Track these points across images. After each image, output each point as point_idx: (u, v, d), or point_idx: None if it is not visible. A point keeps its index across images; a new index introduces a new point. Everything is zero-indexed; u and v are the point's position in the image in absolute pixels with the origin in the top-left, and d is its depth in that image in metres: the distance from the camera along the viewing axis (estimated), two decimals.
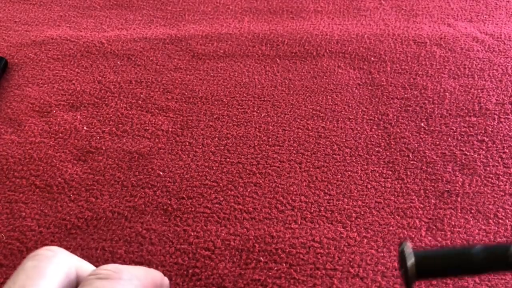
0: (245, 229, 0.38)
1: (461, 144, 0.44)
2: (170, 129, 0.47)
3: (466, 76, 0.51)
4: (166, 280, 0.26)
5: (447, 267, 0.20)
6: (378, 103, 0.49)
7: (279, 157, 0.43)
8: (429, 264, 0.20)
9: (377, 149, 0.44)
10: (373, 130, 0.46)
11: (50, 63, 0.56)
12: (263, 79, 0.53)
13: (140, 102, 0.50)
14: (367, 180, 0.41)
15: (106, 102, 0.50)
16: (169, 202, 0.40)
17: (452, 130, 0.45)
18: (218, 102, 0.50)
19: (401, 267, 0.21)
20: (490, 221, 0.37)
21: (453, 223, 0.37)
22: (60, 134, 0.47)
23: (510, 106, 0.48)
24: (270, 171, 0.42)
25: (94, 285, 0.19)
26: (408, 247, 0.21)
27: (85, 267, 0.23)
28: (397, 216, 0.38)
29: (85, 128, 0.47)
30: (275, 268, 0.35)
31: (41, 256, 0.20)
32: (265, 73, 0.53)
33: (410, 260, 0.20)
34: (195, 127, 0.47)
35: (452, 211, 0.38)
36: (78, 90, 0.52)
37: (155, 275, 0.24)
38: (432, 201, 0.39)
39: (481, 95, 0.49)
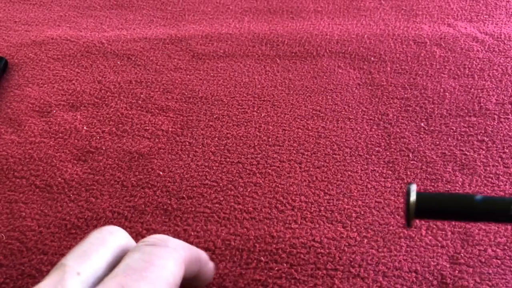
0: (245, 229, 0.38)
1: (461, 144, 0.44)
2: (170, 129, 0.47)
3: (466, 76, 0.51)
4: (211, 263, 0.28)
5: (448, 210, 0.21)
6: (378, 103, 0.49)
7: (279, 157, 0.43)
8: (430, 204, 0.21)
9: (377, 149, 0.44)
10: (373, 130, 0.46)
11: (50, 63, 0.56)
12: (263, 79, 0.53)
13: (140, 102, 0.50)
14: (367, 180, 0.41)
15: (106, 102, 0.50)
16: (169, 202, 0.40)
17: (452, 130, 0.45)
18: (218, 102, 0.50)
19: (405, 206, 0.22)
20: None
21: (453, 222, 0.37)
22: (60, 134, 0.47)
23: (510, 106, 0.48)
24: (270, 171, 0.42)
25: (142, 249, 0.21)
26: (414, 187, 0.21)
27: None
28: (397, 216, 0.38)
29: (85, 128, 0.47)
30: (276, 268, 0.35)
31: (105, 230, 0.23)
32: (265, 73, 0.53)
33: (412, 197, 0.21)
34: (195, 127, 0.47)
35: None
36: (78, 90, 0.52)
37: (200, 252, 0.26)
38: None
39: (481, 95, 0.49)
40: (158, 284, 0.19)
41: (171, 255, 0.21)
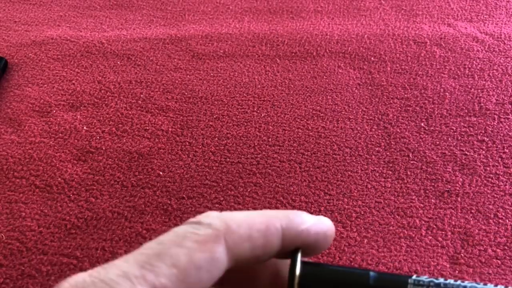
0: None
1: (461, 144, 0.44)
2: (170, 129, 0.47)
3: (466, 76, 0.51)
4: (308, 224, 0.21)
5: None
6: (378, 103, 0.49)
7: (279, 157, 0.43)
8: (316, 279, 0.19)
9: (377, 149, 0.44)
10: (373, 130, 0.46)
11: (50, 63, 0.56)
12: (263, 79, 0.53)
13: (140, 102, 0.50)
14: (367, 180, 0.41)
15: (106, 102, 0.50)
16: (169, 202, 0.40)
17: (452, 130, 0.45)
18: (218, 102, 0.50)
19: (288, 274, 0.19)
20: (490, 221, 0.37)
21: (453, 223, 0.37)
22: (60, 134, 0.47)
23: (510, 106, 0.48)
24: (270, 171, 0.42)
25: (175, 229, 0.19)
26: (299, 256, 0.19)
27: None
28: (397, 216, 0.38)
29: (85, 128, 0.47)
30: None
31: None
32: (265, 73, 0.53)
33: (298, 270, 0.19)
34: (195, 127, 0.47)
35: (452, 211, 0.38)
36: (78, 90, 0.52)
37: (269, 221, 0.20)
38: (432, 200, 0.39)
39: (481, 95, 0.49)
40: (160, 264, 0.17)
41: (194, 233, 0.18)
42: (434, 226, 0.37)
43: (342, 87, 0.51)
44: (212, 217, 0.19)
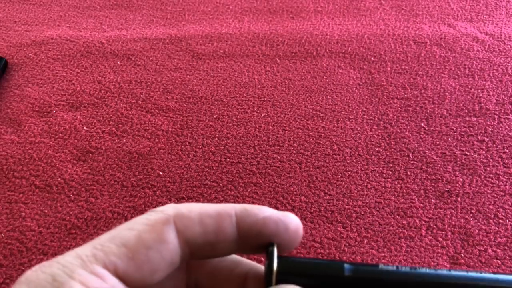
0: None
1: (461, 144, 0.44)
2: (170, 129, 0.47)
3: (466, 76, 0.51)
4: (264, 214, 0.20)
5: (313, 279, 0.19)
6: (378, 103, 0.49)
7: (279, 157, 0.43)
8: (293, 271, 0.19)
9: (377, 149, 0.44)
10: (373, 130, 0.46)
11: (50, 63, 0.56)
12: (263, 79, 0.53)
13: (140, 102, 0.50)
14: (367, 180, 0.41)
15: (106, 102, 0.50)
16: (169, 202, 0.40)
17: (452, 130, 0.45)
18: (218, 102, 0.50)
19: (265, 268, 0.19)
20: (490, 221, 0.37)
21: (453, 223, 0.37)
22: (60, 134, 0.47)
23: (510, 106, 0.48)
24: (270, 171, 0.42)
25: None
26: (275, 250, 0.19)
27: None
28: (397, 216, 0.38)
29: (85, 128, 0.47)
30: None
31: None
32: (265, 73, 0.53)
33: (275, 264, 0.19)
34: (195, 127, 0.47)
35: (452, 211, 0.38)
36: (78, 90, 0.52)
37: (222, 208, 0.20)
38: (432, 201, 0.39)
39: (481, 95, 0.49)
40: (108, 244, 0.18)
41: (145, 218, 0.19)
42: (434, 226, 0.37)
43: (342, 87, 0.51)
44: (167, 206, 0.19)
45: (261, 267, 0.21)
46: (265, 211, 0.20)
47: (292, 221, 0.20)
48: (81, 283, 0.16)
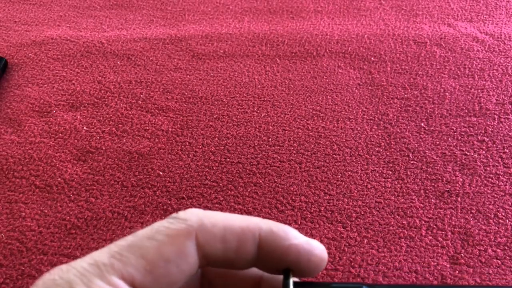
0: None
1: (461, 144, 0.44)
2: (170, 129, 0.47)
3: (466, 76, 0.51)
4: (291, 244, 0.20)
5: None
6: (378, 103, 0.49)
7: (279, 157, 0.43)
8: None
9: (377, 149, 0.44)
10: (373, 130, 0.46)
11: (50, 63, 0.56)
12: (263, 79, 0.53)
13: (140, 102, 0.50)
14: (367, 180, 0.41)
15: (106, 102, 0.50)
16: (169, 202, 0.40)
17: (452, 130, 0.45)
18: (218, 102, 0.50)
19: None
20: (491, 221, 0.37)
21: (453, 223, 0.37)
22: (60, 134, 0.47)
23: (510, 106, 0.48)
24: (270, 171, 0.42)
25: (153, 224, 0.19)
26: (291, 279, 0.19)
27: None
28: (397, 216, 0.38)
29: (85, 128, 0.47)
30: None
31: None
32: (265, 73, 0.53)
33: None
34: (195, 127, 0.47)
35: (452, 211, 0.38)
36: (78, 90, 0.52)
37: (248, 227, 0.19)
38: (432, 201, 0.39)
39: (481, 95, 0.49)
40: (129, 256, 0.17)
41: (166, 227, 0.18)
42: (434, 226, 0.37)
43: (342, 87, 0.51)
44: (190, 213, 0.19)
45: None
46: (291, 238, 0.19)
47: (316, 252, 0.20)
48: None
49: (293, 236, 0.19)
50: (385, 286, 0.19)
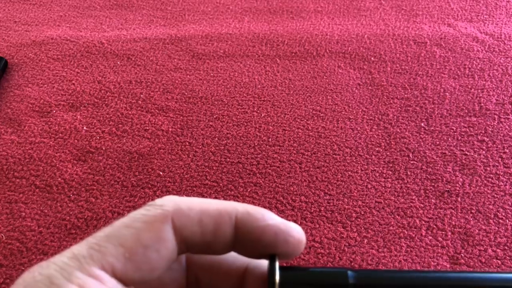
0: None
1: (461, 144, 0.44)
2: (170, 129, 0.47)
3: (466, 76, 0.51)
4: (269, 222, 0.20)
5: None
6: (378, 103, 0.49)
7: (279, 157, 0.43)
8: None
9: (377, 149, 0.44)
10: (373, 130, 0.46)
11: (50, 63, 0.56)
12: (263, 79, 0.53)
13: (140, 102, 0.50)
14: (367, 180, 0.41)
15: (106, 102, 0.50)
16: None
17: (452, 130, 0.45)
18: (218, 102, 0.50)
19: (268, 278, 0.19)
20: (491, 221, 0.37)
21: (453, 223, 0.37)
22: (60, 134, 0.47)
23: (510, 106, 0.48)
24: (270, 171, 0.42)
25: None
26: (276, 264, 0.19)
27: None
28: (397, 216, 0.38)
29: (85, 128, 0.47)
30: None
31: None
32: (265, 73, 0.53)
33: (277, 277, 0.18)
34: (195, 127, 0.47)
35: (453, 211, 0.38)
36: (78, 90, 0.52)
37: (224, 209, 0.19)
38: (432, 201, 0.39)
39: (481, 95, 0.49)
40: (106, 241, 0.17)
41: (143, 214, 0.18)
42: (434, 226, 0.37)
43: (342, 87, 0.51)
44: (167, 199, 0.19)
45: (259, 261, 0.21)
46: (267, 219, 0.19)
47: (293, 233, 0.20)
48: (79, 286, 0.16)
49: (270, 217, 0.19)
50: (370, 271, 0.19)
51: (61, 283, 0.16)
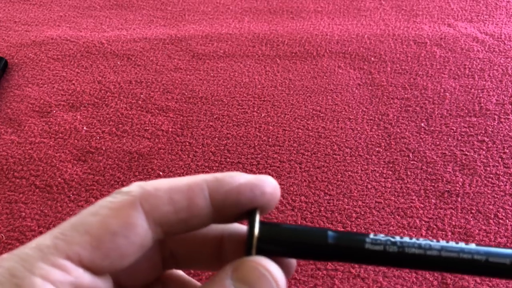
0: None
1: (461, 144, 0.44)
2: (170, 129, 0.47)
3: (466, 76, 0.51)
4: (239, 182, 0.19)
5: (296, 246, 0.18)
6: (378, 103, 0.49)
7: (279, 157, 0.43)
8: (275, 237, 0.18)
9: (377, 149, 0.44)
10: (373, 130, 0.46)
11: (50, 63, 0.56)
12: (263, 79, 0.53)
13: (140, 102, 0.50)
14: (367, 180, 0.41)
15: (106, 102, 0.50)
16: None
17: (452, 130, 0.45)
18: (218, 102, 0.50)
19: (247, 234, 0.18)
20: (491, 221, 0.37)
21: (453, 223, 0.37)
22: (60, 134, 0.47)
23: (510, 106, 0.48)
24: (270, 171, 0.42)
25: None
26: (257, 216, 0.18)
27: None
28: (397, 216, 0.38)
29: (85, 128, 0.47)
30: None
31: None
32: (265, 73, 0.53)
33: (256, 230, 0.18)
34: (195, 127, 0.47)
35: (453, 211, 0.38)
36: (78, 90, 0.52)
37: (192, 184, 0.19)
38: (433, 201, 0.39)
39: (481, 95, 0.49)
40: (71, 231, 0.17)
41: (109, 201, 0.18)
42: (434, 226, 0.37)
43: (342, 87, 0.51)
44: (133, 185, 0.18)
45: (235, 225, 0.20)
46: (238, 178, 0.19)
47: (268, 184, 0.19)
48: (42, 277, 0.15)
49: (240, 177, 0.19)
50: (352, 234, 0.19)
51: (22, 275, 0.15)
